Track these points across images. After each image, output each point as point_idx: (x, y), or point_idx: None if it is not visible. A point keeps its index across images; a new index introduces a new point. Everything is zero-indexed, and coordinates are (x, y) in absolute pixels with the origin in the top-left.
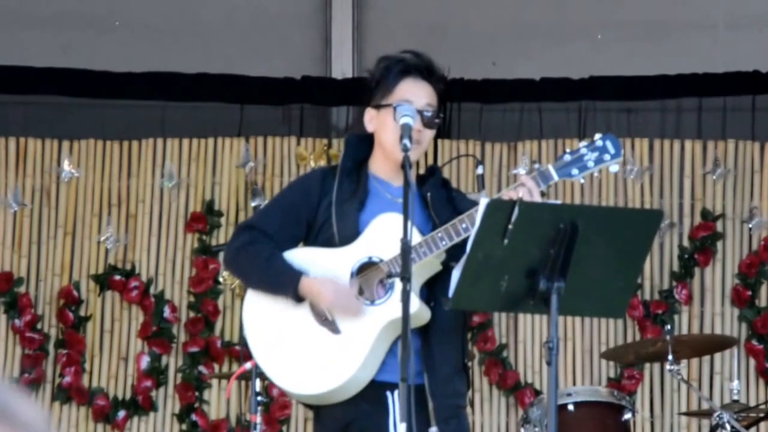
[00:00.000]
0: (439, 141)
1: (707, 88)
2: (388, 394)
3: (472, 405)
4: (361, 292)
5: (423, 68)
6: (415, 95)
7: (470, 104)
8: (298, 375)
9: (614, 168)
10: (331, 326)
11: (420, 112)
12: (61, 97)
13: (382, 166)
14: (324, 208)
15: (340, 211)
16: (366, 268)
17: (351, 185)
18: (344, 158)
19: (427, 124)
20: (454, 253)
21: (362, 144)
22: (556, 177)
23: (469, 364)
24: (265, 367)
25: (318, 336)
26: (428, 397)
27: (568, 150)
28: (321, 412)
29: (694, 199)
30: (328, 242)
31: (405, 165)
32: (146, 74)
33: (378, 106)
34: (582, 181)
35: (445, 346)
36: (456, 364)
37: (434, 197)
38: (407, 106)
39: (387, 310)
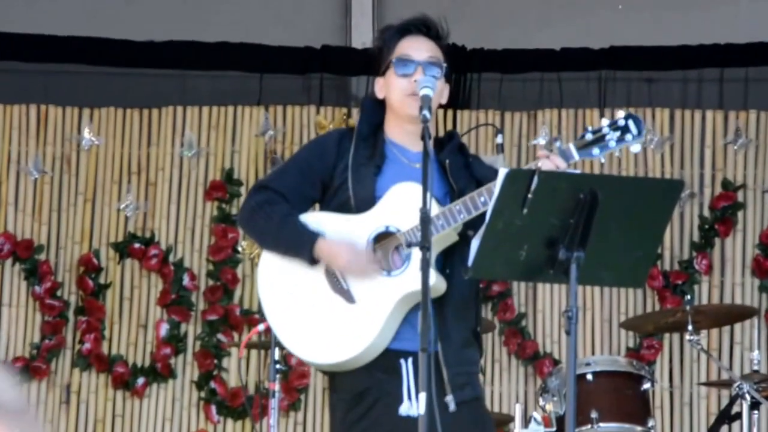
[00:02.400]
0: (459, 111)
1: (729, 58)
2: (402, 362)
3: (491, 374)
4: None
5: (420, 24)
6: (414, 50)
7: (490, 74)
8: (312, 344)
9: (635, 148)
10: (346, 295)
11: (421, 65)
12: (83, 65)
13: (398, 131)
14: (340, 171)
15: (357, 174)
16: (383, 237)
17: (367, 149)
18: (360, 122)
19: (433, 74)
20: (471, 221)
21: (378, 108)
22: (576, 156)
23: (480, 329)
24: (280, 335)
25: (333, 305)
26: (442, 366)
27: (589, 128)
28: (336, 380)
29: (715, 169)
30: (344, 205)
31: (425, 136)
32: (167, 43)
33: (384, 72)
34: (603, 160)
35: (458, 314)
36: (469, 332)
37: (452, 163)
38: (427, 77)
39: (404, 282)
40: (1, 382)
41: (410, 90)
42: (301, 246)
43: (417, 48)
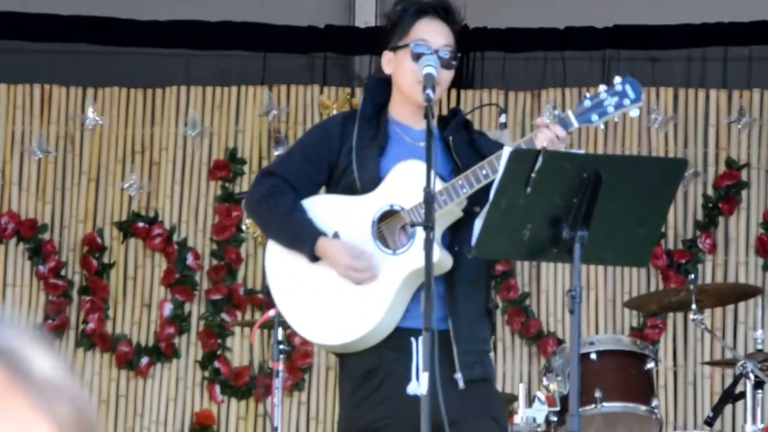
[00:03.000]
0: (462, 90)
1: (733, 37)
2: (412, 340)
3: (494, 354)
4: (383, 240)
5: (439, 8)
6: (431, 35)
7: (494, 53)
8: (320, 325)
9: (634, 112)
10: None
11: (437, 53)
12: (86, 45)
13: (401, 110)
14: (345, 154)
15: (361, 156)
16: (388, 216)
17: (371, 130)
18: (364, 103)
19: (444, 65)
20: (475, 198)
21: (381, 88)
22: (575, 123)
23: (492, 306)
24: (288, 317)
25: (340, 286)
26: (452, 343)
27: (588, 94)
28: (345, 359)
29: (719, 148)
30: (350, 188)
31: (428, 115)
32: (171, 22)
33: (395, 48)
34: (602, 127)
35: (468, 291)
36: (480, 309)
37: (456, 140)
38: (430, 56)
39: (409, 260)
40: (31, 350)
41: (422, 77)
42: (302, 243)
43: (434, 33)
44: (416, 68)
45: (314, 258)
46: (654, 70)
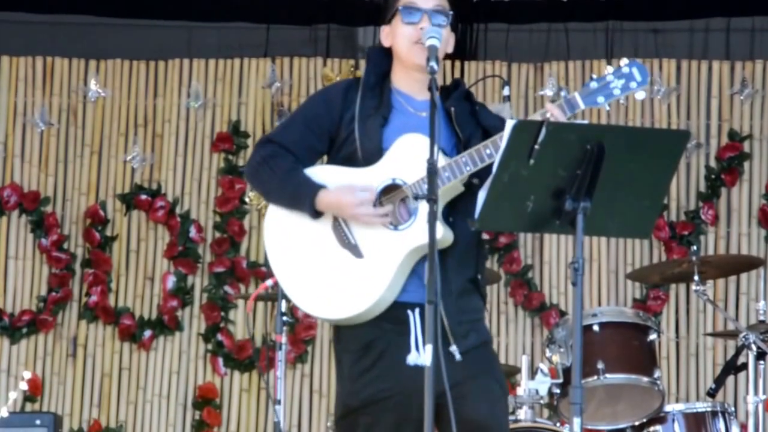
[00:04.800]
0: (466, 62)
1: (735, 8)
2: (409, 312)
3: (497, 326)
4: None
5: None
6: None
7: (497, 25)
8: (320, 299)
9: (640, 95)
10: (354, 250)
11: (426, 13)
12: (89, 17)
13: (404, 79)
14: (347, 122)
15: (363, 126)
16: (390, 190)
17: (374, 99)
18: (367, 72)
19: (438, 25)
20: (477, 171)
21: (384, 57)
22: (582, 105)
23: (480, 277)
24: (287, 290)
25: (341, 259)
26: (444, 317)
27: (594, 76)
28: (342, 332)
29: (721, 120)
30: (351, 157)
31: (432, 87)
32: None
33: (390, 20)
34: (607, 108)
35: (459, 264)
36: (467, 281)
37: (458, 111)
38: (433, 28)
39: (411, 236)
40: None
41: (416, 38)
42: (303, 198)
43: None
44: (409, 30)
45: (316, 213)
46: (657, 42)
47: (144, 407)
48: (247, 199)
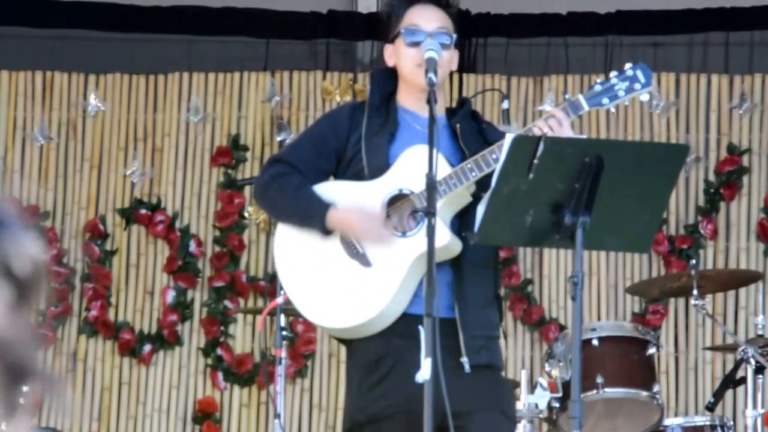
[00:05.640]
0: (465, 76)
1: (734, 22)
2: (420, 327)
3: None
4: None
5: None
6: (423, 19)
7: (496, 39)
8: (329, 308)
9: (644, 97)
10: (362, 259)
11: (431, 36)
12: (89, 31)
13: (409, 98)
14: (353, 143)
15: (370, 144)
16: (397, 200)
17: (380, 118)
18: (371, 93)
19: (442, 46)
20: (484, 183)
21: (387, 78)
22: (586, 106)
23: (499, 292)
24: (296, 301)
25: (349, 269)
26: (459, 330)
27: (598, 80)
28: (352, 347)
29: (720, 134)
30: (358, 176)
31: (430, 100)
32: (173, 8)
33: (393, 39)
34: (612, 110)
35: (477, 277)
36: (488, 295)
37: (464, 128)
38: (431, 40)
39: (418, 243)
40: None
41: (419, 60)
42: (313, 217)
43: (426, 18)
44: (412, 52)
45: (326, 231)
46: (656, 56)
47: (144, 422)
48: (246, 214)
